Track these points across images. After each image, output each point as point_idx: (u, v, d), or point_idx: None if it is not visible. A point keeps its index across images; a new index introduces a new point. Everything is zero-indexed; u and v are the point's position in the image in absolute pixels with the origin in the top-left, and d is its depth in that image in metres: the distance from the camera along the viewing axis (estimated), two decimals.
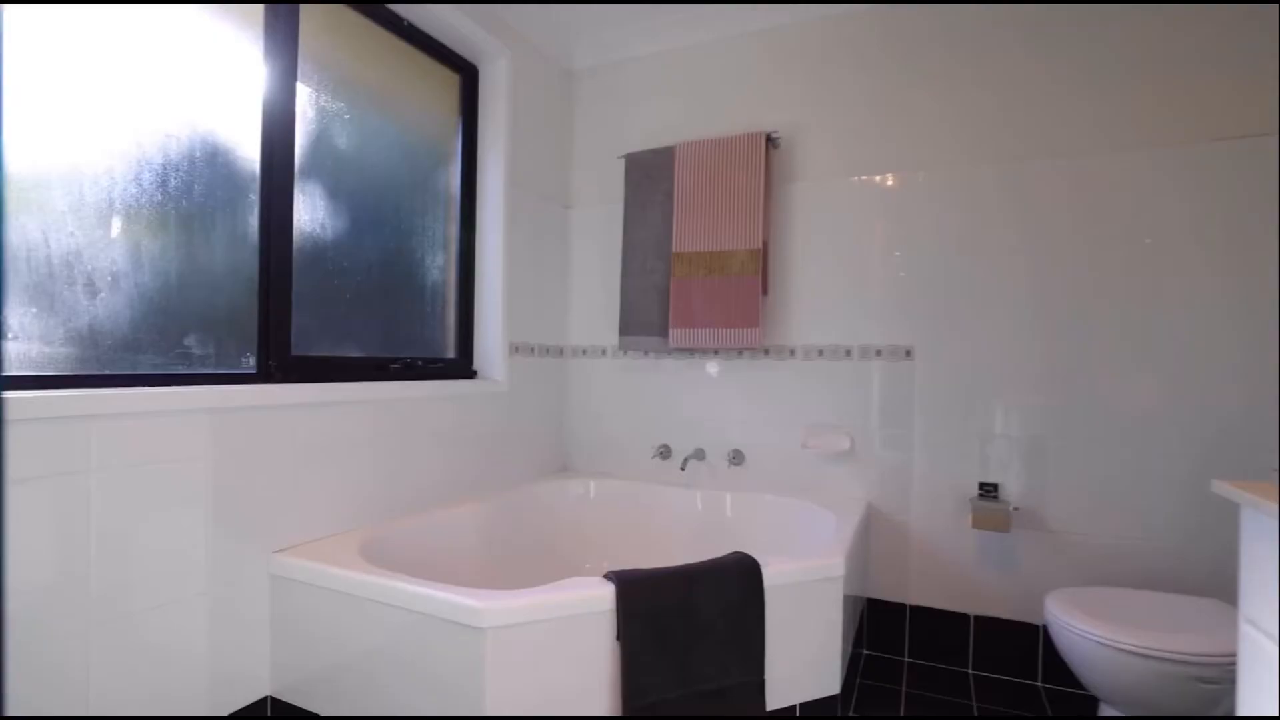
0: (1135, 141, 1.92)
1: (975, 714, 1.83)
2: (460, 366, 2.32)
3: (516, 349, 2.43)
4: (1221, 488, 0.94)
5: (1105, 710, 1.57)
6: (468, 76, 2.35)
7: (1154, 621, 1.46)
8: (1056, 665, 1.92)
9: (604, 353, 2.70)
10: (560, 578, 1.42)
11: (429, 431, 2.02)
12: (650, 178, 2.47)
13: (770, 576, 1.45)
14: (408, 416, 1.93)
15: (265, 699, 1.49)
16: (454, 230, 2.34)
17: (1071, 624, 1.50)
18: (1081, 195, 1.97)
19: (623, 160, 2.55)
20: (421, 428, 1.99)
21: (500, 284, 2.34)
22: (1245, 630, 0.92)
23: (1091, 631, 1.44)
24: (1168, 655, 1.34)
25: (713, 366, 2.47)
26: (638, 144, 2.58)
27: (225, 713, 1.41)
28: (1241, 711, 0.92)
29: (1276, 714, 0.81)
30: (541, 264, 2.59)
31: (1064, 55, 1.99)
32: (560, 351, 2.74)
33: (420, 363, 2.13)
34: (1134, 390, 1.92)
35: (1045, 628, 1.87)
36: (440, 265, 2.28)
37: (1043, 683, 1.99)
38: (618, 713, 1.27)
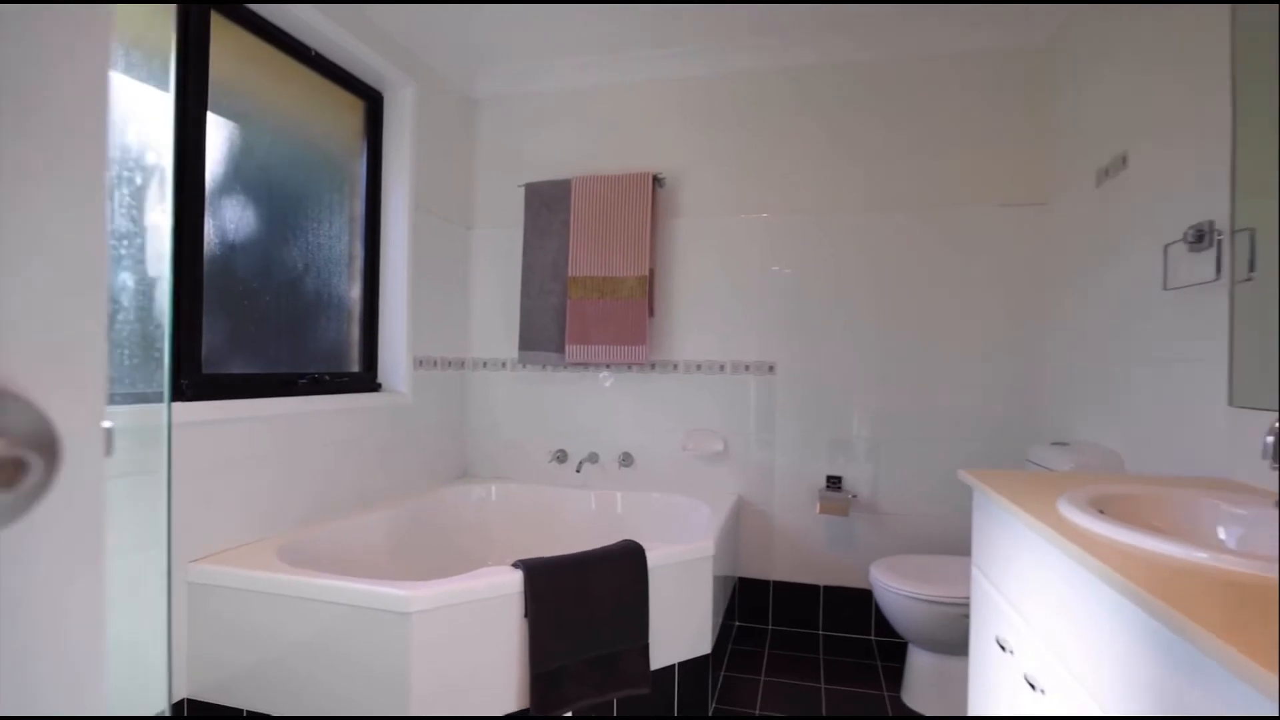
0: (950, 201, 2.41)
1: (821, 665, 2.23)
2: (365, 380, 2.43)
3: (420, 362, 2.57)
4: (962, 475, 1.34)
5: (913, 650, 2.00)
6: (373, 102, 2.47)
7: (940, 577, 1.90)
8: (883, 620, 2.36)
9: (504, 365, 2.89)
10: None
11: (336, 443, 2.13)
12: (548, 207, 2.70)
13: (653, 559, 1.73)
14: (316, 429, 2.04)
15: (183, 701, 1.58)
16: (359, 248, 2.45)
17: (885, 584, 1.91)
18: (911, 241, 2.44)
19: (522, 189, 2.76)
20: (329, 439, 2.10)
21: (405, 301, 2.48)
22: (974, 572, 1.32)
23: (897, 587, 1.86)
24: (943, 600, 1.78)
25: (605, 379, 2.74)
26: (536, 173, 2.80)
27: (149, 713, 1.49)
28: (974, 624, 1.32)
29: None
30: (444, 281, 2.74)
31: (901, 129, 2.45)
32: (462, 364, 2.90)
33: (327, 377, 2.23)
34: (944, 399, 2.40)
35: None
36: (346, 282, 2.38)
37: (874, 636, 2.44)
38: (526, 677, 1.50)
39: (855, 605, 2.47)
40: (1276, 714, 0.48)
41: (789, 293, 2.56)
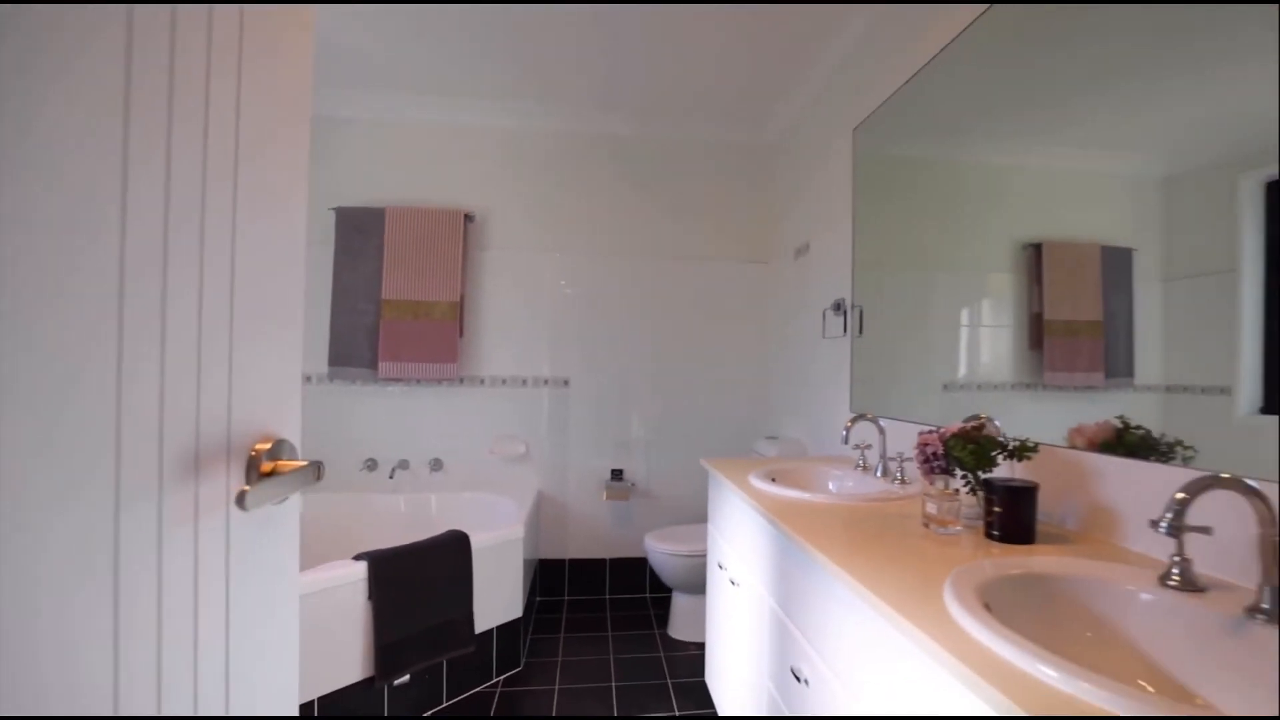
0: (708, 253, 3.13)
1: (608, 620, 2.78)
2: None
3: None
4: (702, 462, 1.96)
5: (675, 595, 2.64)
6: None
7: (695, 538, 2.56)
8: (655, 578, 3.00)
9: (309, 380, 2.97)
10: None
11: None
12: (362, 231, 2.88)
13: (476, 544, 2.11)
14: None
15: None
16: None
17: (655, 548, 2.52)
18: (677, 282, 3.11)
19: (333, 211, 2.89)
20: None
21: None
22: (709, 527, 1.94)
23: (663, 549, 2.47)
24: (696, 554, 2.43)
25: (416, 393, 3.00)
26: (346, 198, 2.94)
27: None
28: (708, 560, 1.94)
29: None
30: None
31: (673, 193, 3.12)
32: None
33: None
34: (700, 406, 3.12)
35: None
36: None
37: (649, 594, 3.07)
38: (370, 649, 1.79)
39: (634, 571, 3.07)
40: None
41: (580, 319, 3.08)
